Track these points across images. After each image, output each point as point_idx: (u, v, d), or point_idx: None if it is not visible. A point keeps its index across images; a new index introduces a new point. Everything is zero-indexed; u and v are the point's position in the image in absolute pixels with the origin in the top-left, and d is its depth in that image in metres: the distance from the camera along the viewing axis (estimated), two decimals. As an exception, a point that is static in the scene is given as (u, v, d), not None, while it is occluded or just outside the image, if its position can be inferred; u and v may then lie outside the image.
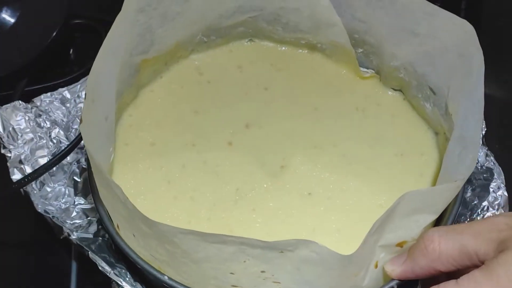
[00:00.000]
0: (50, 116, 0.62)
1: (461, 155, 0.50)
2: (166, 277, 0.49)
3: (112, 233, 0.52)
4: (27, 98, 0.63)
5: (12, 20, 0.71)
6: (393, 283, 0.49)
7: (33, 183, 0.58)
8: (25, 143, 0.60)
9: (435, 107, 0.59)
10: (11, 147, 0.60)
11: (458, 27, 0.53)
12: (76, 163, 0.61)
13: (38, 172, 0.57)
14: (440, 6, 0.55)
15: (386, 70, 0.62)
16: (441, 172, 0.53)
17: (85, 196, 0.60)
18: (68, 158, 0.60)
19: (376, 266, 0.48)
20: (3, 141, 0.60)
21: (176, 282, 0.49)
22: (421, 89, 0.60)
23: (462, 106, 0.52)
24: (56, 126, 0.62)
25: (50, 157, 0.59)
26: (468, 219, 0.57)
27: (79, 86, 0.64)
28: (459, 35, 0.53)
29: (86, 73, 0.63)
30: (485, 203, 0.58)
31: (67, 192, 0.59)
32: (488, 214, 0.57)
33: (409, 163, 0.59)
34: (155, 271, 0.49)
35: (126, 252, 0.50)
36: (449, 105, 0.55)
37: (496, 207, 0.57)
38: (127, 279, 0.54)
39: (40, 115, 0.62)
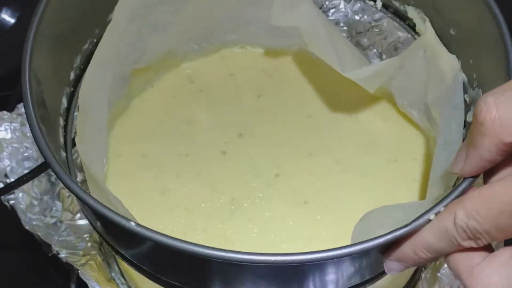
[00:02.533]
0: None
1: (447, 160, 0.50)
2: (133, 223, 0.40)
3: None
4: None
5: (12, 21, 0.71)
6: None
7: (19, 196, 0.57)
8: (11, 155, 0.59)
9: (421, 113, 0.58)
10: (-4, 160, 0.58)
11: None
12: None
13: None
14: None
15: None
16: (430, 178, 0.52)
17: (73, 212, 0.58)
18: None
19: None
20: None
21: (144, 227, 0.40)
22: (405, 96, 0.59)
23: (443, 111, 0.51)
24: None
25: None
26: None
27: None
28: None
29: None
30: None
31: (54, 206, 0.58)
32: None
33: (402, 169, 0.59)
34: (121, 217, 0.40)
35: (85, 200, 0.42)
36: (432, 111, 0.55)
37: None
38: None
39: (25, 124, 0.60)
